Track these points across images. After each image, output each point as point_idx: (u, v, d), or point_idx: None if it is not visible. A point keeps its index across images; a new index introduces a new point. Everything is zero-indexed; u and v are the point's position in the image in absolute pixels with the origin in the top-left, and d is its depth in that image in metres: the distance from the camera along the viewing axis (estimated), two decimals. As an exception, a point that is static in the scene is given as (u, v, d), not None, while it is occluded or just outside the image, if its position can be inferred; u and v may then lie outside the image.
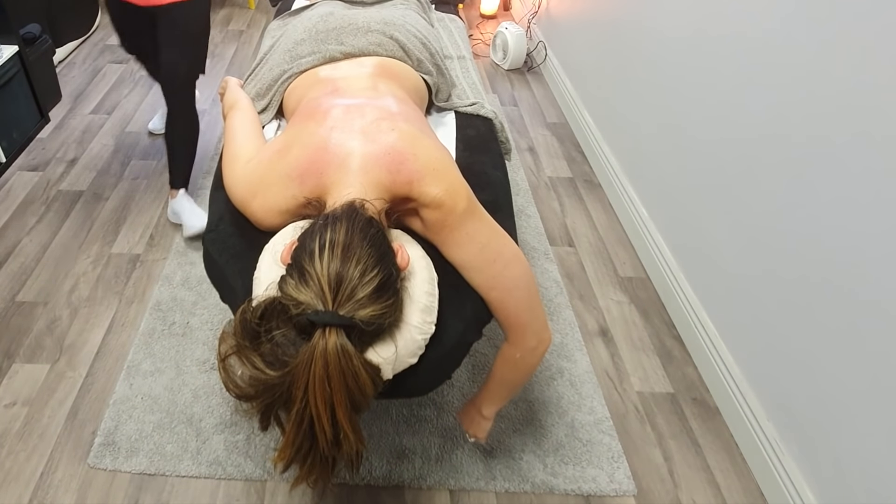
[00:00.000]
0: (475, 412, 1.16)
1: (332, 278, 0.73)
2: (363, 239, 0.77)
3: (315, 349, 0.72)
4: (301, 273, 0.75)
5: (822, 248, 1.18)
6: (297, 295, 0.74)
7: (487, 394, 1.12)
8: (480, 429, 1.17)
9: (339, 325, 0.72)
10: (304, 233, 0.82)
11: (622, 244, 2.01)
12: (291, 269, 0.78)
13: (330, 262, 0.74)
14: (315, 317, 0.72)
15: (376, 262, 0.76)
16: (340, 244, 0.75)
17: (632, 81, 2.06)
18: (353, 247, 0.76)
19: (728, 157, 1.49)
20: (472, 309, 0.96)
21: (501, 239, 0.95)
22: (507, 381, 1.07)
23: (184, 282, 1.72)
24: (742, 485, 1.35)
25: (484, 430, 1.17)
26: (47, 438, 1.33)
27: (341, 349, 0.72)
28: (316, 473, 0.78)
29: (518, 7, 3.60)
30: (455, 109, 1.42)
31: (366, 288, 0.74)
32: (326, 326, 0.72)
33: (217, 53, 3.05)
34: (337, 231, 0.77)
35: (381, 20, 1.35)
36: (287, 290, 0.76)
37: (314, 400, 0.72)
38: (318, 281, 0.74)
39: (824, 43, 1.18)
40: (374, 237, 0.79)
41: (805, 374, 1.23)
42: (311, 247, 0.76)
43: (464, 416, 1.20)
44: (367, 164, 0.92)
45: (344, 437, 0.74)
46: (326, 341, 0.72)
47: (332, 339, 0.72)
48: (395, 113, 1.03)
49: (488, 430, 1.17)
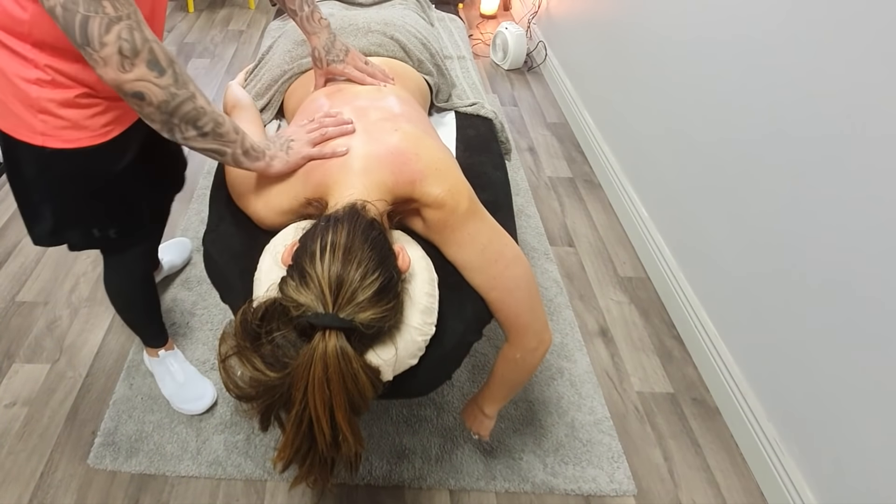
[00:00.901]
0: (478, 410, 1.17)
1: (332, 281, 0.73)
2: (364, 241, 0.77)
3: (315, 351, 0.72)
4: (302, 275, 0.75)
5: (822, 248, 1.18)
6: (297, 296, 0.74)
7: (489, 393, 1.13)
8: (483, 427, 1.18)
9: (339, 327, 0.72)
10: (305, 234, 0.82)
11: (622, 244, 2.01)
12: (292, 271, 0.78)
13: (331, 265, 0.74)
14: (315, 319, 0.72)
15: (377, 265, 0.76)
16: (341, 246, 0.75)
17: (632, 81, 2.06)
18: (354, 249, 0.75)
19: (728, 157, 1.49)
20: (472, 309, 0.95)
21: (503, 239, 0.95)
22: (507, 380, 1.08)
23: (184, 282, 1.72)
24: (742, 485, 1.35)
25: (487, 428, 1.18)
26: (47, 438, 1.33)
27: (341, 352, 0.72)
28: (315, 474, 0.78)
29: (518, 7, 3.60)
30: (455, 109, 1.42)
31: (366, 291, 0.74)
32: (326, 329, 0.72)
33: (217, 53, 3.05)
34: (338, 233, 0.77)
35: (381, 20, 1.35)
36: (287, 291, 0.76)
37: (313, 402, 0.72)
38: (319, 283, 0.73)
39: (824, 43, 1.18)
40: (376, 240, 0.79)
41: (805, 374, 1.23)
42: (312, 248, 0.76)
43: (467, 414, 1.21)
44: (369, 164, 0.92)
45: (343, 439, 0.74)
46: (326, 344, 0.72)
47: (332, 341, 0.72)
48: (398, 114, 1.03)
49: (491, 427, 1.19)
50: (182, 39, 3.17)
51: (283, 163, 0.92)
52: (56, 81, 0.86)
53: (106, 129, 0.95)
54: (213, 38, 3.20)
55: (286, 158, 0.93)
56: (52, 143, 0.91)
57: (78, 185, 1.00)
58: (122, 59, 0.72)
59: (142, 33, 0.73)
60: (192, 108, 0.79)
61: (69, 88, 0.88)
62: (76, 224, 1.08)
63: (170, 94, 0.76)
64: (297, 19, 1.15)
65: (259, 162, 0.91)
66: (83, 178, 1.00)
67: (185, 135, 0.81)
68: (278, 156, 0.93)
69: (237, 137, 0.87)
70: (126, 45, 0.71)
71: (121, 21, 0.71)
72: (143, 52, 0.73)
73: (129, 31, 0.71)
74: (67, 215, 1.05)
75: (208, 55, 3.02)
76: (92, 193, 1.03)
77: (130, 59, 0.72)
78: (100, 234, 1.10)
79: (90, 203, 1.04)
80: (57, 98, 0.88)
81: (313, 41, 1.15)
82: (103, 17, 0.69)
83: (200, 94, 0.81)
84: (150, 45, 0.73)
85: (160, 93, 0.76)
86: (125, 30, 0.71)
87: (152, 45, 0.74)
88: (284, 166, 0.93)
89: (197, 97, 0.80)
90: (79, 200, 1.03)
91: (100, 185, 1.02)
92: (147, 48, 0.73)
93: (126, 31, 0.71)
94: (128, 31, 0.71)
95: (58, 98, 0.88)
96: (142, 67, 0.73)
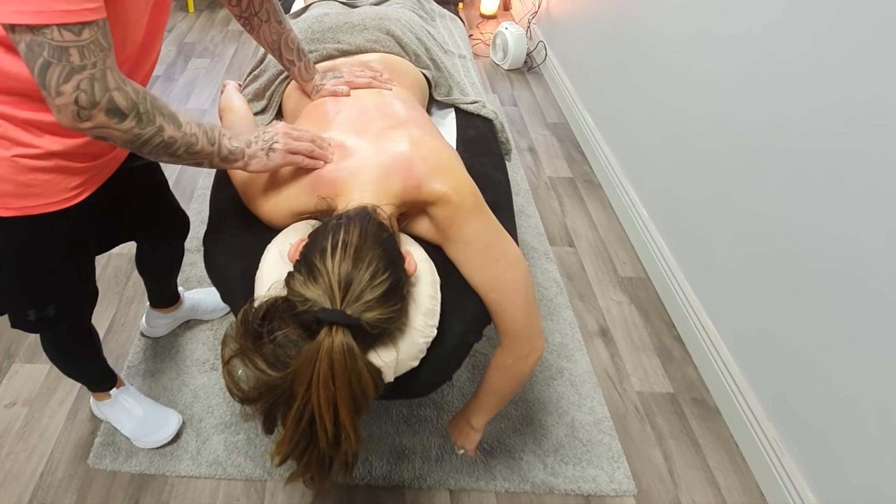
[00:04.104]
0: (464, 423, 1.16)
1: (342, 278, 0.73)
2: (376, 242, 0.77)
3: (321, 347, 0.71)
4: (310, 270, 0.75)
5: (822, 248, 1.18)
6: (304, 291, 0.74)
7: (477, 403, 1.12)
8: (469, 440, 1.16)
9: (346, 324, 0.72)
10: (315, 230, 0.82)
11: (622, 244, 2.01)
12: (300, 266, 0.78)
13: (341, 262, 0.74)
14: (322, 314, 0.72)
15: (386, 266, 0.76)
16: (353, 245, 0.76)
17: (632, 81, 2.06)
18: (365, 249, 0.76)
19: (728, 157, 1.49)
20: (473, 310, 0.96)
21: (505, 240, 0.96)
22: (497, 389, 1.07)
23: (184, 282, 1.72)
24: (742, 485, 1.35)
25: (473, 442, 1.17)
26: (47, 438, 1.33)
27: (347, 349, 0.72)
28: (312, 471, 0.77)
29: (518, 7, 3.60)
30: (456, 105, 1.42)
31: (374, 291, 0.74)
32: (333, 325, 0.72)
33: (217, 53, 3.04)
34: (350, 232, 0.77)
35: (377, 16, 1.35)
36: (294, 286, 0.76)
37: (316, 398, 0.71)
38: (328, 279, 0.74)
39: (823, 43, 1.18)
40: (386, 241, 0.79)
41: (805, 375, 1.24)
42: (324, 245, 0.76)
43: (453, 427, 1.20)
44: (378, 175, 0.92)
45: (346, 437, 0.74)
46: (333, 339, 0.71)
47: (339, 337, 0.72)
48: (404, 120, 1.03)
49: (478, 441, 1.17)
50: (182, 39, 3.17)
51: (261, 164, 0.91)
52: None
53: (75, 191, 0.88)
54: (213, 38, 3.20)
55: (265, 161, 0.91)
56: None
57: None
58: (79, 110, 0.67)
59: (104, 83, 0.68)
60: (160, 140, 0.76)
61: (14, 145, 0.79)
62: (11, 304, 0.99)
63: (133, 135, 0.73)
64: (293, 70, 1.16)
65: (238, 163, 0.90)
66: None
67: (159, 159, 0.80)
68: (257, 155, 0.90)
69: (213, 149, 0.84)
70: (84, 96, 0.67)
71: (84, 70, 0.65)
72: (102, 102, 0.68)
73: (90, 82, 0.66)
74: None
75: (208, 55, 3.02)
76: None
77: (87, 111, 0.68)
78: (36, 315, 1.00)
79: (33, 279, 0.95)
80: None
81: (308, 87, 1.18)
82: (65, 66, 0.64)
83: (171, 122, 0.77)
84: (109, 95, 0.69)
85: (122, 136, 0.73)
86: (86, 80, 0.66)
87: (112, 94, 0.69)
88: (262, 168, 0.92)
89: (165, 129, 0.76)
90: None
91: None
92: (106, 98, 0.68)
93: (87, 82, 0.66)
94: (88, 82, 0.66)
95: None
96: (100, 117, 0.69)
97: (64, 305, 1.04)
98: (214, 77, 2.83)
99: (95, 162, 0.91)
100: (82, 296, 1.08)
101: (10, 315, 1.02)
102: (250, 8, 1.06)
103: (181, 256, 1.44)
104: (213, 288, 1.60)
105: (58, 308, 1.02)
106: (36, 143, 0.80)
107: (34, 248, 0.92)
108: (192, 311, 1.59)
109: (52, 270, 0.97)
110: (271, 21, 1.09)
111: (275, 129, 0.93)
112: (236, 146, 0.88)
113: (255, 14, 1.07)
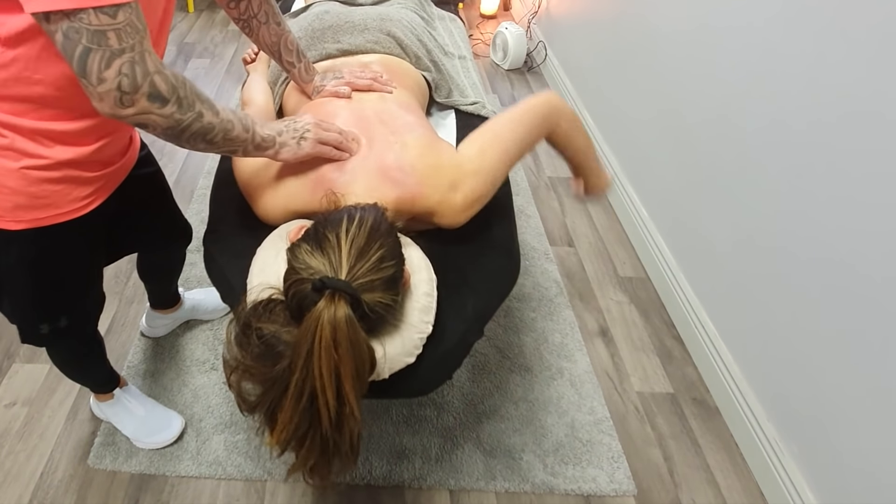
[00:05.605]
0: (587, 177, 1.20)
1: (353, 251, 0.74)
2: (387, 233, 0.79)
3: (322, 315, 0.69)
4: (320, 241, 0.75)
5: (822, 248, 1.18)
6: (309, 259, 0.74)
7: (574, 166, 1.19)
8: (602, 182, 1.22)
9: (350, 294, 0.71)
10: (327, 213, 0.82)
11: (622, 244, 2.01)
12: (306, 238, 0.78)
13: (355, 238, 0.75)
14: (329, 280, 0.71)
15: (392, 256, 0.78)
16: (368, 225, 0.77)
17: (632, 81, 2.06)
18: (377, 235, 0.77)
19: (729, 157, 1.49)
20: (472, 309, 0.96)
21: (498, 150, 1.01)
22: (572, 145, 1.13)
23: (184, 282, 1.72)
24: (742, 485, 1.35)
25: (605, 180, 1.23)
26: (47, 438, 1.33)
27: (349, 319, 0.70)
28: (314, 458, 0.74)
29: (518, 7, 3.60)
30: (456, 107, 1.42)
31: (380, 273, 0.75)
32: (337, 293, 0.71)
33: (217, 53, 3.04)
34: (365, 218, 0.78)
35: (378, 16, 1.35)
36: (300, 255, 0.76)
37: (318, 369, 0.69)
38: (339, 250, 0.74)
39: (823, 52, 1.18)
40: (394, 238, 0.81)
41: (805, 374, 1.24)
42: (339, 219, 0.77)
43: (577, 185, 1.23)
44: (375, 182, 0.94)
45: (349, 411, 0.71)
46: (335, 308, 0.70)
47: (342, 307, 0.70)
48: (402, 125, 1.03)
49: (608, 180, 1.24)
50: (182, 39, 3.17)
51: (291, 153, 0.92)
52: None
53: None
54: (213, 38, 3.20)
55: (295, 150, 0.92)
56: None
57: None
58: (121, 96, 0.67)
59: (144, 66, 0.67)
60: (199, 126, 0.76)
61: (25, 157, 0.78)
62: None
63: (174, 120, 0.73)
64: (293, 72, 1.16)
65: (269, 151, 0.90)
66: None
67: (195, 147, 0.79)
68: (288, 144, 0.91)
69: (248, 136, 0.85)
70: (126, 80, 0.66)
71: (123, 54, 0.65)
72: (144, 86, 0.68)
73: (131, 65, 0.66)
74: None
75: (208, 55, 3.02)
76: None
77: (130, 95, 0.67)
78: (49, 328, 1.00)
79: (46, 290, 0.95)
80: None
81: (308, 88, 1.18)
82: (105, 51, 0.64)
83: (208, 107, 0.77)
84: (151, 79, 0.68)
85: (163, 121, 0.72)
86: (126, 64, 0.66)
87: (153, 77, 0.69)
88: (292, 157, 0.93)
89: (204, 115, 0.76)
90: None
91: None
92: (148, 82, 0.68)
93: (128, 65, 0.66)
94: (129, 65, 0.66)
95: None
96: (142, 102, 0.69)
97: (75, 315, 1.04)
98: (214, 77, 2.83)
99: (106, 170, 0.91)
100: (92, 304, 1.08)
101: (21, 330, 1.01)
102: (249, 10, 1.06)
103: (182, 261, 1.44)
104: (213, 288, 1.61)
105: (70, 319, 1.02)
106: (45, 154, 0.79)
107: (47, 259, 0.90)
108: (192, 311, 1.59)
109: (64, 281, 0.96)
110: (270, 23, 1.09)
111: (305, 120, 0.95)
112: (269, 134, 0.89)
113: (253, 16, 1.07)
